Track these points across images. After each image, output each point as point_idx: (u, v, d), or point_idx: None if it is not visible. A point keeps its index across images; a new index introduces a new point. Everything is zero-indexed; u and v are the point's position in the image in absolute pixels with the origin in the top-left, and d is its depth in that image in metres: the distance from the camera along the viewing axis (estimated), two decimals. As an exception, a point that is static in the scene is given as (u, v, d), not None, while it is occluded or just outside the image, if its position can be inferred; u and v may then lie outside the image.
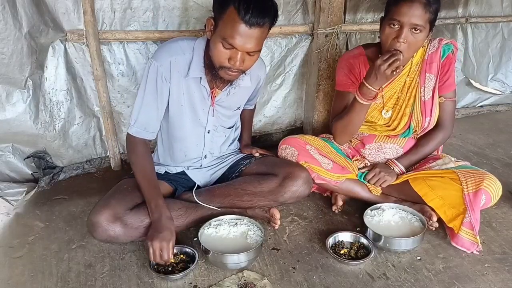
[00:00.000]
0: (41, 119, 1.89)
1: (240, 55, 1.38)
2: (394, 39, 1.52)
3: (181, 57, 1.52)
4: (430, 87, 1.70)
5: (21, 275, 1.46)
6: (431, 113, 1.72)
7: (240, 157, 1.83)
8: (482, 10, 2.71)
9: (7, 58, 1.67)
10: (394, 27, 1.52)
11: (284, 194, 1.60)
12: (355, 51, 1.78)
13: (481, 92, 2.98)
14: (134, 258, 1.53)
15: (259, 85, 1.81)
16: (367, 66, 1.73)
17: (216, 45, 1.39)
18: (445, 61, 1.69)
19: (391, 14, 1.52)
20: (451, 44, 1.70)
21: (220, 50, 1.38)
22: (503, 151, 2.42)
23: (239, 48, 1.36)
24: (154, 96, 1.54)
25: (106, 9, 1.87)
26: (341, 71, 1.78)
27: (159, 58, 1.51)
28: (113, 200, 1.51)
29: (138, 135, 1.58)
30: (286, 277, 1.43)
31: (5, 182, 1.89)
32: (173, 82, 1.55)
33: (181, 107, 1.61)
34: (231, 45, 1.35)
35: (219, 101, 1.64)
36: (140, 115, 1.56)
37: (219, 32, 1.37)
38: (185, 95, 1.58)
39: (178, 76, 1.54)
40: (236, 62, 1.38)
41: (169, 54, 1.51)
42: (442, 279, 1.42)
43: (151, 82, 1.53)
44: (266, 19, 1.34)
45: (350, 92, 1.76)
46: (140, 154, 1.58)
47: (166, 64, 1.51)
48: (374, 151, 1.84)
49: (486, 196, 1.53)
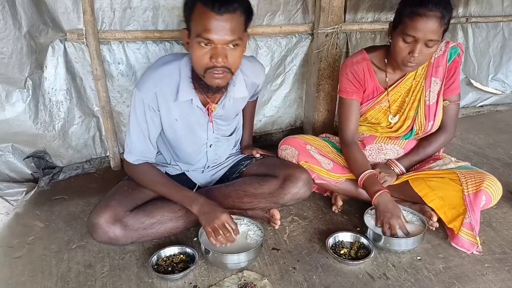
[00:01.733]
0: (40, 119, 1.89)
1: (221, 49, 1.31)
2: (409, 53, 1.51)
3: (166, 84, 1.46)
4: (435, 91, 1.69)
5: (21, 275, 1.46)
6: (434, 117, 1.71)
7: (241, 158, 1.82)
8: (483, 9, 2.70)
9: (6, 57, 1.66)
10: (408, 42, 1.50)
11: (284, 196, 1.60)
12: (358, 56, 1.74)
13: (482, 92, 2.98)
14: (134, 258, 1.53)
15: (257, 90, 1.77)
16: (371, 71, 1.72)
17: (194, 49, 1.33)
18: (451, 65, 1.67)
19: (405, 28, 1.48)
20: (458, 47, 1.67)
21: (199, 52, 1.32)
22: (503, 151, 2.41)
23: (216, 41, 1.29)
24: (144, 126, 1.52)
25: (105, 8, 1.87)
26: (345, 77, 1.75)
27: (143, 89, 1.46)
28: (113, 202, 1.51)
29: (139, 163, 1.58)
30: (286, 277, 1.43)
31: (5, 182, 1.90)
32: (162, 111, 1.51)
33: (176, 132, 1.58)
34: (207, 39, 1.29)
35: (217, 115, 1.59)
36: (137, 144, 1.55)
37: (194, 34, 1.32)
38: (179, 120, 1.54)
39: (166, 103, 1.49)
40: (218, 58, 1.31)
41: (153, 84, 1.45)
42: (442, 279, 1.42)
43: (139, 112, 1.50)
44: (235, 4, 1.29)
45: (353, 99, 1.75)
46: (146, 171, 1.58)
47: (151, 95, 1.46)
48: (375, 152, 1.84)
49: (486, 197, 1.53)
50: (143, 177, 1.59)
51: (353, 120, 1.77)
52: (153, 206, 1.56)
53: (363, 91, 1.76)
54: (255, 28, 2.15)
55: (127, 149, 1.58)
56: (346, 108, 1.77)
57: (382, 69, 1.71)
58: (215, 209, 1.47)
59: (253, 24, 2.13)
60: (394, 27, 1.56)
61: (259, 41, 2.22)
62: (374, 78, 1.73)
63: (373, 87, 1.75)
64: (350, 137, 1.77)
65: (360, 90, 1.75)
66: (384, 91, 1.74)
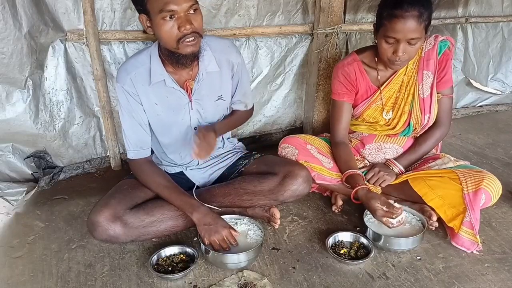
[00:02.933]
0: (41, 119, 1.89)
1: (184, 17, 1.36)
2: (393, 53, 1.54)
3: (139, 70, 1.53)
4: (428, 84, 1.71)
5: (21, 275, 1.46)
6: (430, 110, 1.72)
7: (239, 157, 1.82)
8: (482, 10, 2.70)
9: (7, 58, 1.67)
10: (390, 43, 1.54)
11: (284, 193, 1.60)
12: (349, 58, 1.78)
13: (481, 92, 2.98)
14: (134, 258, 1.53)
15: (236, 73, 1.69)
16: (362, 71, 1.74)
17: (160, 26, 1.37)
18: (442, 58, 1.69)
19: (385, 30, 1.52)
20: (447, 41, 1.70)
21: (166, 27, 1.37)
22: (503, 150, 2.42)
23: (179, 10, 1.34)
24: (132, 115, 1.57)
25: (106, 8, 1.87)
26: (336, 80, 1.79)
27: (120, 79, 1.54)
28: (113, 200, 1.52)
29: (137, 157, 1.61)
30: (286, 277, 1.43)
31: (5, 182, 1.90)
32: (141, 96, 1.56)
33: (158, 116, 1.61)
34: (170, 11, 1.34)
35: (196, 93, 1.59)
36: (130, 138, 1.59)
37: (153, 13, 1.37)
38: (159, 104, 1.58)
39: (143, 88, 1.54)
40: (186, 25, 1.36)
41: (126, 73, 1.53)
42: (442, 279, 1.42)
43: (124, 103, 1.56)
44: None
45: (345, 101, 1.78)
46: (149, 171, 1.61)
47: (128, 82, 1.53)
48: (374, 151, 1.85)
49: (486, 195, 1.53)
50: (147, 179, 1.60)
51: (344, 122, 1.80)
52: (154, 204, 1.57)
53: (355, 93, 1.79)
54: (255, 28, 2.16)
55: (126, 146, 1.62)
56: (337, 110, 1.80)
57: (373, 67, 1.74)
58: (217, 221, 1.48)
59: (253, 24, 2.16)
60: (376, 29, 1.60)
61: (259, 41, 2.22)
62: (366, 77, 1.75)
63: (366, 87, 1.77)
64: (341, 137, 1.81)
65: (352, 92, 1.78)
66: (377, 89, 1.75)
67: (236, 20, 2.12)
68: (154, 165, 1.65)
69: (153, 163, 1.66)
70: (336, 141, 1.81)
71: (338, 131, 1.81)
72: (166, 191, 1.56)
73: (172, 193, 1.56)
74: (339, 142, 1.80)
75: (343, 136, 1.82)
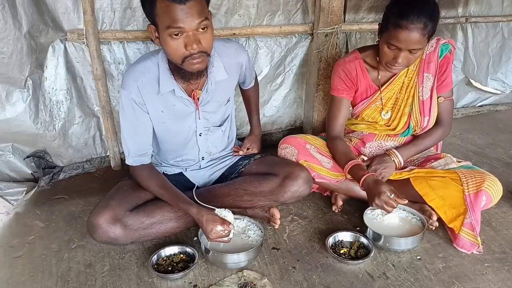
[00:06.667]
0: (41, 119, 1.89)
1: (192, 36, 1.32)
2: (393, 59, 1.55)
3: (147, 78, 1.49)
4: (428, 86, 1.71)
5: (21, 275, 1.46)
6: (430, 112, 1.72)
7: (239, 158, 1.82)
8: (482, 9, 2.70)
9: (6, 57, 1.67)
10: (391, 49, 1.54)
11: (284, 194, 1.60)
12: (351, 55, 1.78)
13: (481, 92, 2.98)
14: (134, 258, 1.53)
15: (243, 69, 1.72)
16: (363, 69, 1.74)
17: (167, 42, 1.34)
18: (443, 61, 1.69)
19: (389, 37, 1.52)
20: (449, 44, 1.70)
21: (172, 44, 1.33)
22: (503, 150, 2.42)
23: (187, 28, 1.30)
24: (135, 123, 1.54)
25: (106, 8, 1.87)
26: (337, 76, 1.78)
27: (126, 86, 1.49)
28: (113, 202, 1.51)
29: (136, 164, 1.59)
30: (286, 277, 1.43)
31: (5, 181, 1.90)
32: (148, 104, 1.53)
33: (164, 124, 1.59)
34: (177, 29, 1.29)
35: (203, 101, 1.59)
36: (130, 145, 1.56)
37: (161, 28, 1.33)
38: (165, 112, 1.56)
39: (150, 96, 1.51)
40: (193, 45, 1.32)
41: (134, 79, 1.48)
42: (442, 279, 1.42)
43: (129, 112, 1.52)
44: None
45: (344, 97, 1.78)
46: (148, 176, 1.59)
47: (134, 90, 1.49)
48: (375, 149, 1.85)
49: (486, 197, 1.53)
50: (147, 183, 1.58)
51: (341, 118, 1.80)
52: (153, 205, 1.56)
53: (354, 90, 1.79)
54: (255, 28, 2.16)
55: (125, 152, 1.60)
56: (335, 106, 1.80)
57: (375, 67, 1.74)
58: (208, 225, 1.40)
59: (253, 24, 2.16)
60: (381, 31, 1.59)
61: (259, 41, 2.22)
62: (367, 76, 1.75)
63: (366, 86, 1.76)
64: (336, 133, 1.81)
65: (351, 89, 1.77)
66: (377, 89, 1.75)
67: (236, 20, 2.12)
68: (153, 168, 1.63)
69: (152, 166, 1.63)
70: (332, 136, 1.80)
71: (335, 127, 1.81)
72: (165, 194, 1.54)
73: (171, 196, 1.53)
74: (335, 137, 1.80)
75: (339, 131, 1.81)
